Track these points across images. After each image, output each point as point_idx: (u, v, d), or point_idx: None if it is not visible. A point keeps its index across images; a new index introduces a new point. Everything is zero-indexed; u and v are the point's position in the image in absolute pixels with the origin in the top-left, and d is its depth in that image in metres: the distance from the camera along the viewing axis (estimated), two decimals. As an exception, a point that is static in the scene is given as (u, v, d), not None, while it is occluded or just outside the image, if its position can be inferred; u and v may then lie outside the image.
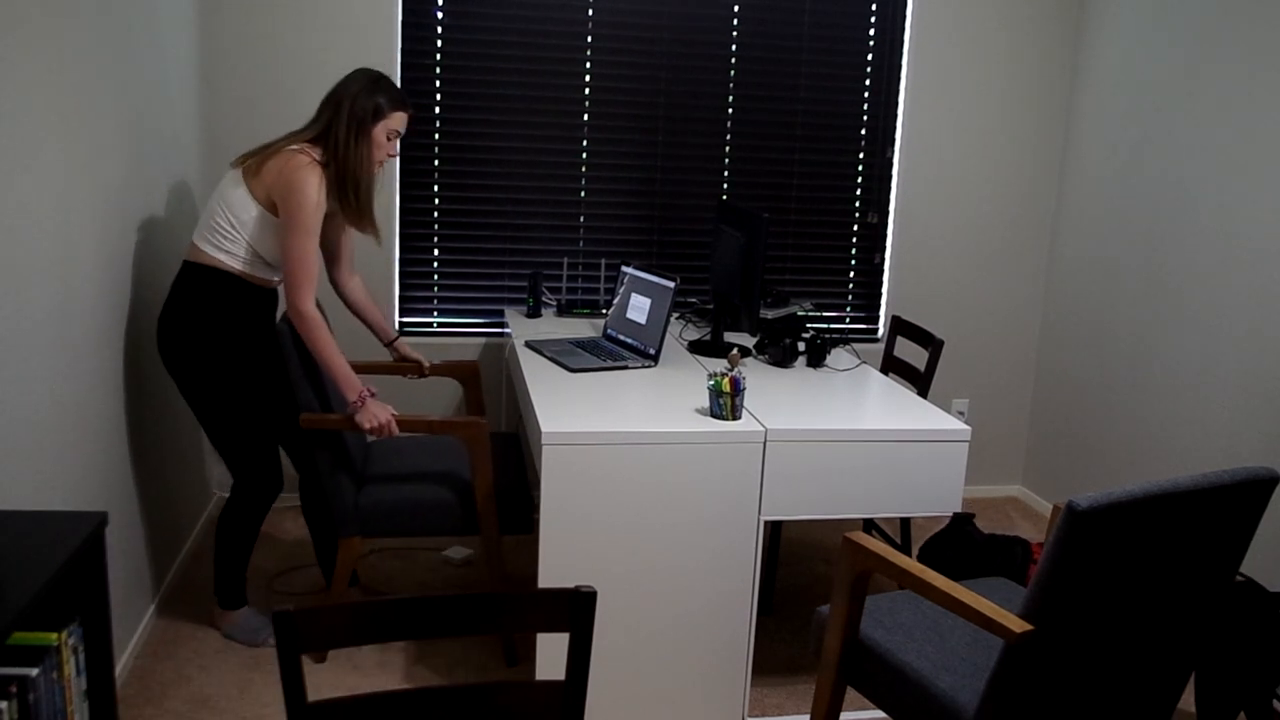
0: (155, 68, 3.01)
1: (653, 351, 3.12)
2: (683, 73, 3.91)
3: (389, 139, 2.74)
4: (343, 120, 2.67)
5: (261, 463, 2.85)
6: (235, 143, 3.62)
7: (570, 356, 3.10)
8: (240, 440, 2.82)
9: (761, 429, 2.54)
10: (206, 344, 2.73)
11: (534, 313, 3.75)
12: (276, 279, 2.85)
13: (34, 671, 1.56)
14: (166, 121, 3.14)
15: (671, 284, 3.10)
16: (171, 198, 3.21)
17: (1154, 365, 3.63)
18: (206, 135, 3.63)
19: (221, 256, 2.71)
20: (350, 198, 2.71)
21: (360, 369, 3.18)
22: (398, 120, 2.73)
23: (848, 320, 4.27)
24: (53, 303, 2.24)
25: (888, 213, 4.17)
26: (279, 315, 2.88)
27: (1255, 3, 3.21)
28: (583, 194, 3.96)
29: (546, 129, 3.88)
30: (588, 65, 3.86)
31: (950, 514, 2.70)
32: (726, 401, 2.57)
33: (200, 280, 2.73)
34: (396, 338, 3.19)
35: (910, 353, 4.02)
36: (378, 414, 2.71)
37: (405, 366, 3.22)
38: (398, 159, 3.76)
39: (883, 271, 4.21)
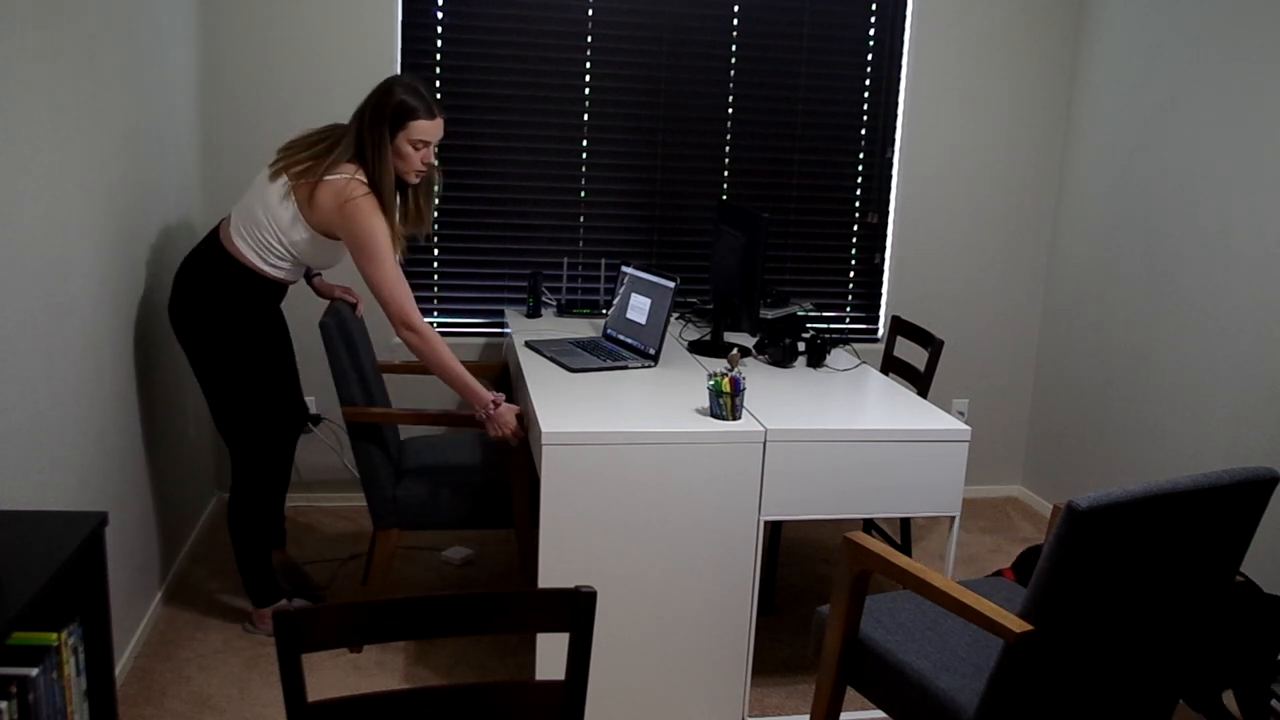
0: (155, 71, 3.01)
1: (653, 351, 3.12)
2: (683, 73, 3.91)
3: (415, 149, 2.66)
4: (365, 139, 2.63)
5: (265, 448, 2.85)
6: (234, 146, 3.63)
7: (570, 356, 3.10)
8: (243, 423, 2.81)
9: (761, 429, 2.54)
10: (220, 323, 2.72)
11: (534, 313, 3.75)
12: (300, 278, 2.89)
13: (34, 671, 1.56)
14: (166, 124, 3.14)
15: (671, 284, 3.10)
16: (171, 200, 3.21)
17: (1154, 365, 3.63)
18: (206, 137, 3.62)
19: (266, 268, 2.73)
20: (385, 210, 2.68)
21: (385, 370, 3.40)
22: (419, 130, 2.63)
23: (848, 320, 4.27)
24: (53, 303, 2.24)
25: (888, 213, 4.17)
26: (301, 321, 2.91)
27: (1255, 3, 3.21)
28: (583, 194, 3.96)
29: (546, 129, 3.88)
30: (588, 65, 3.86)
31: (952, 514, 2.69)
32: (726, 401, 2.57)
33: (227, 268, 2.71)
34: (317, 274, 3.10)
35: (910, 353, 4.02)
36: (508, 419, 2.74)
37: (408, 365, 3.31)
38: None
39: (883, 271, 4.21)
